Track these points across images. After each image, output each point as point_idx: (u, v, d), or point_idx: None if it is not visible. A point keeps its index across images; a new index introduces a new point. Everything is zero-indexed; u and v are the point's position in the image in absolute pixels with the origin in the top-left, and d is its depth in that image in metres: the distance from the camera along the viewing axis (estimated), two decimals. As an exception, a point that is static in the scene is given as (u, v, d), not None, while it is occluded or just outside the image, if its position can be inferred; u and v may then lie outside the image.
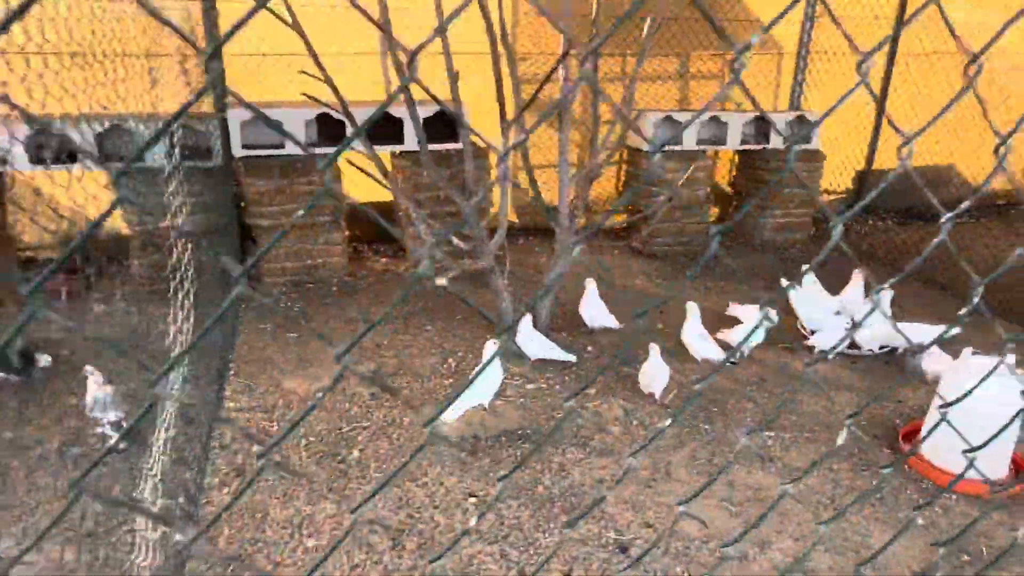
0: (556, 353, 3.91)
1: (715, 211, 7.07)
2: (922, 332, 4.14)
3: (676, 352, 4.18)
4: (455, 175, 4.88)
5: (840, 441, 1.17)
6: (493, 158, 3.81)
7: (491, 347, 3.43)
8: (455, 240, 3.83)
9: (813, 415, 3.61)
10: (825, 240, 6.63)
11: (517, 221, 6.45)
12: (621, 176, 6.76)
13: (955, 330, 4.07)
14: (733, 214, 6.76)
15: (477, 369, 3.69)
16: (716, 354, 3.74)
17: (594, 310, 4.22)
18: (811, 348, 4.22)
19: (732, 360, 3.91)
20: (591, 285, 4.25)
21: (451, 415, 3.23)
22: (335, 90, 3.18)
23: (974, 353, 3.29)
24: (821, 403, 3.72)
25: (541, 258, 5.64)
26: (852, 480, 3.04)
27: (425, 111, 5.02)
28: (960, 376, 2.99)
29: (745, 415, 3.58)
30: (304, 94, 3.78)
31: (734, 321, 4.44)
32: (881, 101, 7.45)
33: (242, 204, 5.01)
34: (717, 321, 4.71)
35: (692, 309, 4.01)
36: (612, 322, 4.13)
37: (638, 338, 4.31)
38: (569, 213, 4.05)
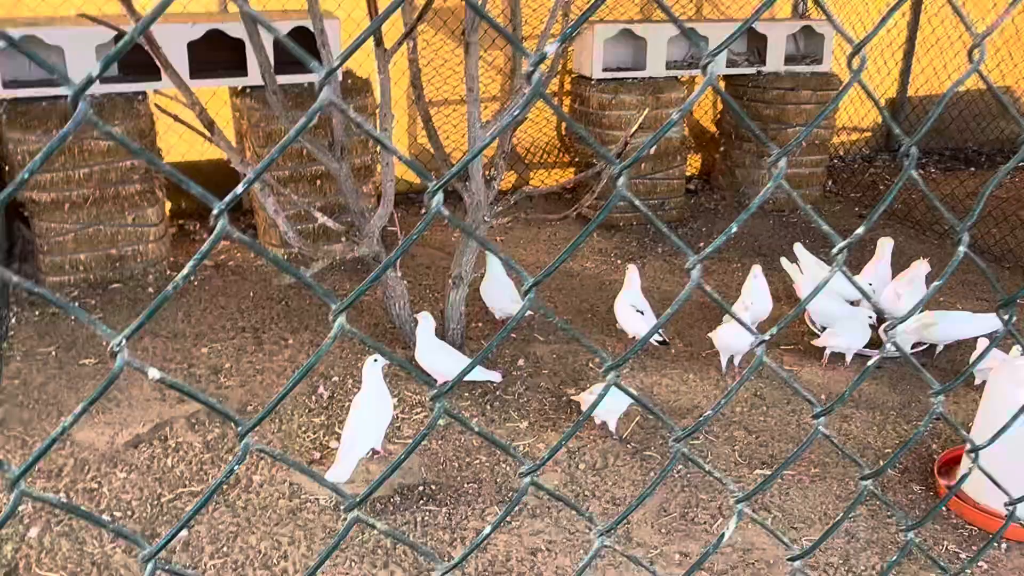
0: (473, 372, 3.94)
1: (695, 160, 7.27)
2: (967, 323, 4.36)
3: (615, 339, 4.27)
4: (323, 121, 4.80)
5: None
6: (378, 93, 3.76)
7: (373, 368, 3.40)
8: (320, 216, 3.77)
9: (821, 443, 3.75)
10: (845, 197, 6.90)
11: (418, 182, 6.44)
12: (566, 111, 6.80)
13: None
14: (721, 164, 6.93)
15: (358, 402, 3.81)
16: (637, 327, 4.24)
17: (496, 294, 4.37)
18: (823, 351, 4.38)
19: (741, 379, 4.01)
20: (494, 264, 4.38)
21: (339, 473, 3.14)
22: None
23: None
24: (833, 426, 3.86)
25: (455, 234, 5.64)
26: (871, 532, 3.18)
27: (277, 28, 4.91)
28: (1007, 383, 3.15)
29: (733, 447, 3.69)
30: (82, 15, 3.63)
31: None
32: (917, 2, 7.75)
33: (5, 168, 4.80)
34: (701, 315, 4.82)
35: (631, 274, 4.35)
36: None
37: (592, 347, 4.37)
38: (485, 172, 4.04)
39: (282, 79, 5.10)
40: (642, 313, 4.29)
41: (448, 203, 4.69)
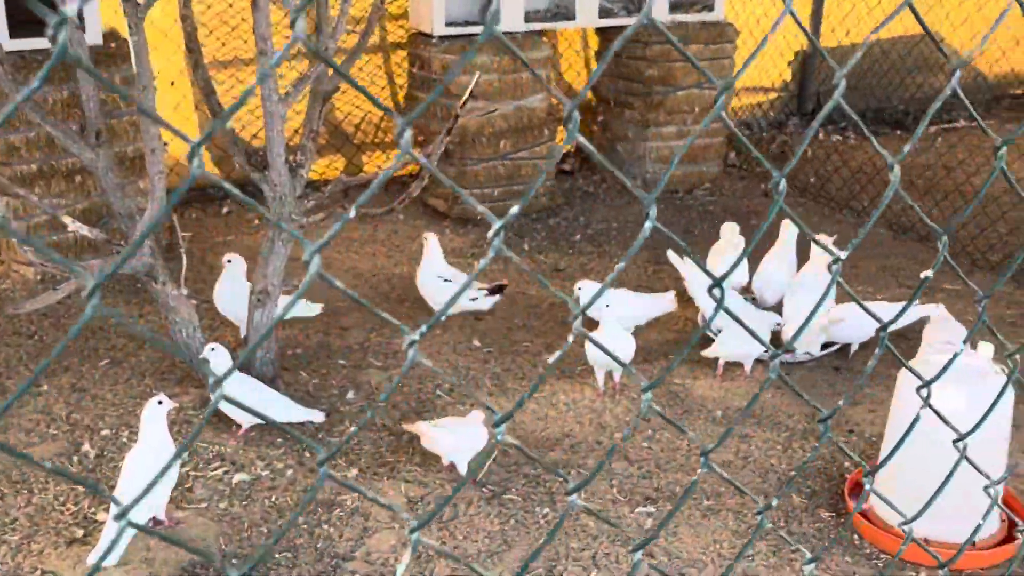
0: (290, 412, 3.92)
1: (561, 135, 7.39)
2: (884, 314, 4.61)
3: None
4: (74, 98, 4.64)
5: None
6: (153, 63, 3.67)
7: (156, 413, 3.33)
8: (70, 223, 3.65)
9: (722, 463, 3.90)
10: (750, 172, 7.20)
11: (219, 172, 6.33)
12: (399, 80, 6.83)
13: (932, 310, 4.55)
14: (600, 137, 7.10)
15: (133, 458, 3.71)
16: (464, 303, 4.67)
17: (228, 295, 4.51)
18: (715, 361, 4.55)
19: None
20: (236, 264, 4.53)
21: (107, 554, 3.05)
22: None
23: (940, 345, 3.69)
24: (731, 448, 4.02)
25: (259, 235, 5.57)
26: (773, 572, 3.31)
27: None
28: (914, 387, 3.34)
29: (611, 481, 3.79)
30: None
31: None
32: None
33: None
34: (549, 316, 4.94)
35: (431, 243, 4.89)
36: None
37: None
38: (290, 159, 4.01)
39: (17, 44, 4.92)
40: (450, 281, 4.68)
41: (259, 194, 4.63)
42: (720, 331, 4.57)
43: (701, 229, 6.31)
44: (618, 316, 4.30)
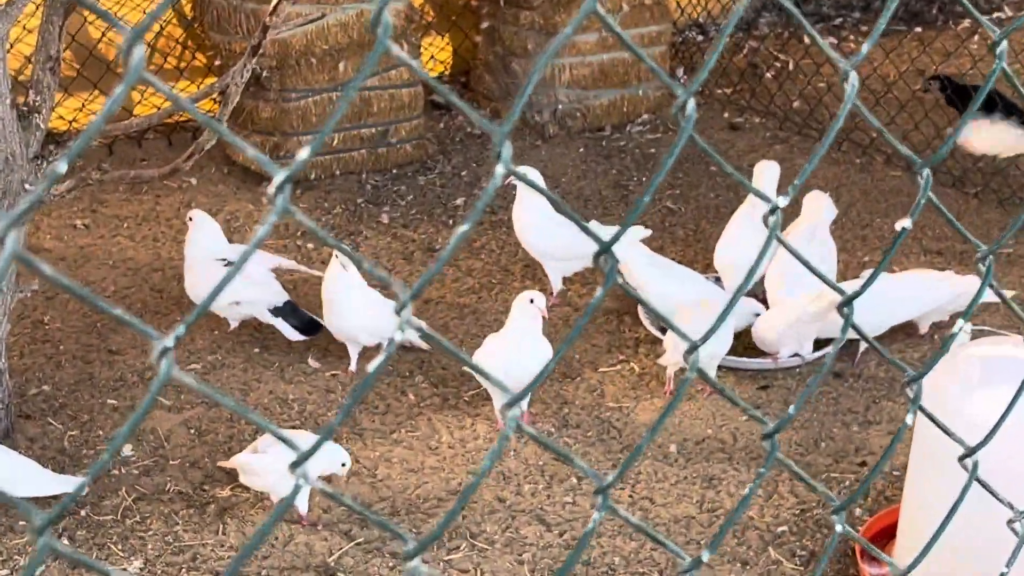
0: (36, 481, 3.91)
1: (440, 49, 7.44)
2: (901, 301, 4.76)
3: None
4: None
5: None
6: None
7: None
8: None
9: (682, 518, 3.98)
10: (709, 96, 7.35)
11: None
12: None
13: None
14: (485, 51, 7.11)
15: None
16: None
17: None
18: (678, 371, 4.63)
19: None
20: None
21: None
22: None
23: (976, 332, 3.82)
24: (692, 499, 4.11)
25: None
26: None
27: None
28: (949, 388, 3.44)
29: (519, 554, 3.84)
30: None
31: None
32: None
33: None
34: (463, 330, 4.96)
35: (197, 220, 5.05)
36: None
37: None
38: (19, 102, 3.96)
39: None
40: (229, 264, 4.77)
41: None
42: (664, 330, 4.65)
43: (639, 180, 6.39)
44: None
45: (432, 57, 7.38)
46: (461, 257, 5.60)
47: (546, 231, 5.06)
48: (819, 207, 5.14)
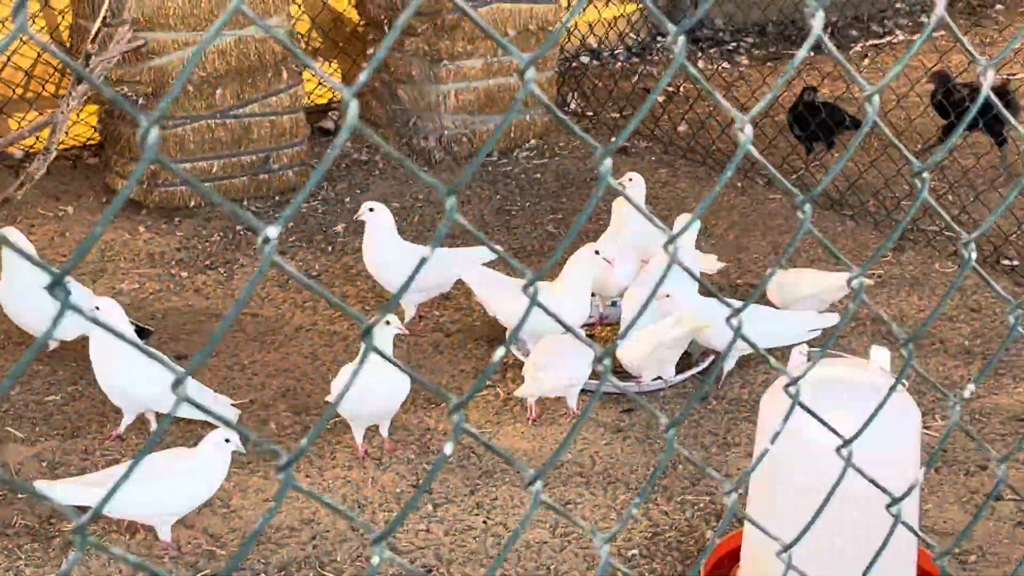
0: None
1: (328, 72, 7.38)
2: (773, 320, 4.79)
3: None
4: None
5: None
6: None
7: None
8: None
9: (535, 543, 3.98)
10: (596, 120, 7.35)
11: None
12: None
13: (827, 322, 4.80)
14: (374, 77, 7.10)
15: None
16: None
17: None
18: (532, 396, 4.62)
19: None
20: None
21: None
22: None
23: (811, 351, 3.80)
24: (546, 524, 4.09)
25: None
26: None
27: None
28: (781, 411, 3.44)
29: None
30: None
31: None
32: None
33: None
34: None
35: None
36: None
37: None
38: None
39: None
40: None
41: None
42: (528, 353, 4.65)
43: (522, 206, 6.39)
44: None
45: (320, 83, 7.35)
46: (336, 283, 5.57)
47: (395, 266, 5.06)
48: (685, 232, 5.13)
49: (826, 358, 4.00)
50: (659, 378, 4.75)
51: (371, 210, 5.14)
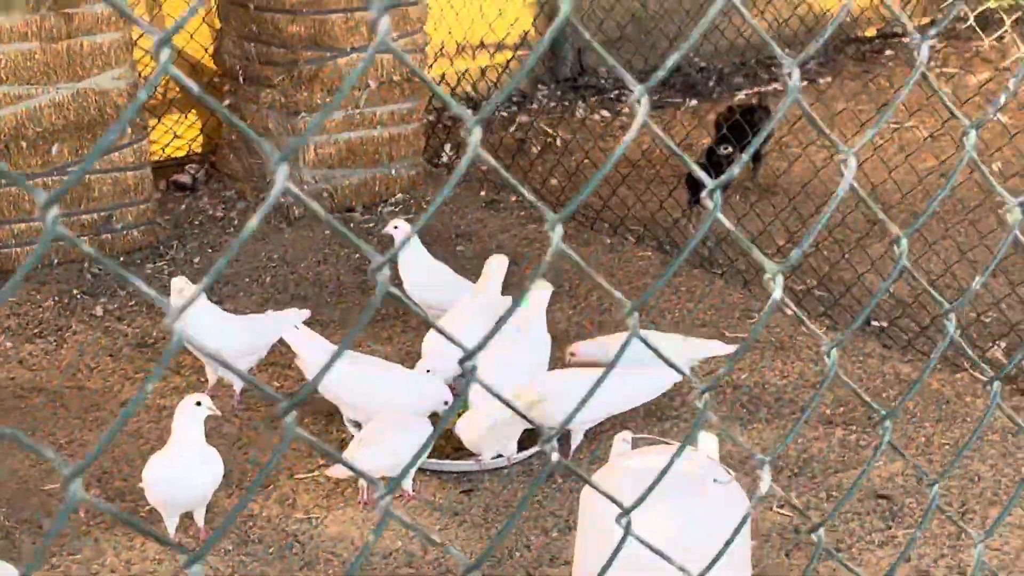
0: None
1: (188, 127, 7.19)
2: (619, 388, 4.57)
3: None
4: None
5: None
6: None
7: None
8: None
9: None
10: (468, 175, 7.12)
11: None
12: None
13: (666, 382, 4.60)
14: (228, 132, 6.87)
15: None
16: None
17: None
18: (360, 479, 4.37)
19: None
20: None
21: None
22: None
23: (635, 437, 3.68)
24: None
25: None
26: None
27: None
28: (607, 508, 3.25)
29: None
30: None
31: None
32: None
33: None
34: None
35: None
36: None
37: None
38: None
39: None
40: None
41: None
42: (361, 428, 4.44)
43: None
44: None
45: (176, 135, 7.08)
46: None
47: (216, 332, 4.80)
48: (538, 299, 4.95)
49: (652, 445, 3.85)
50: (500, 456, 4.52)
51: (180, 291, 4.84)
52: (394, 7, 6.60)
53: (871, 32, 9.83)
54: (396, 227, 5.41)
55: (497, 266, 5.17)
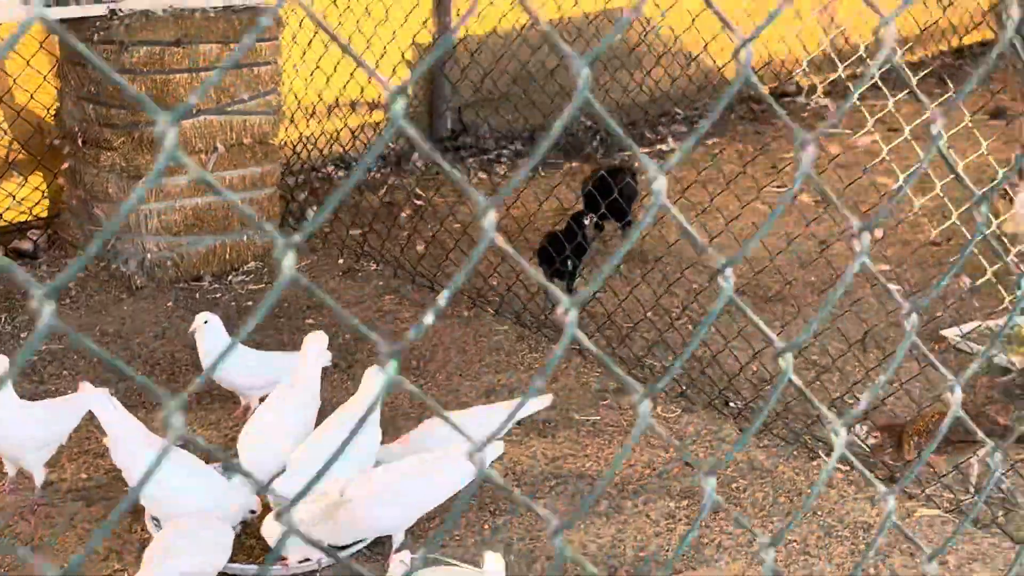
0: None
1: (32, 189, 6.85)
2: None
3: None
4: None
5: None
6: None
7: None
8: None
9: None
10: (326, 241, 6.81)
11: None
12: None
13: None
14: (70, 194, 6.56)
15: None
16: None
17: None
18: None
19: None
20: None
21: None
22: None
23: (413, 558, 3.41)
24: None
25: None
26: None
27: None
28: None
29: None
30: None
31: None
32: None
33: None
34: None
35: None
36: None
37: None
38: None
39: None
40: None
41: None
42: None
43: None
44: None
45: (16, 200, 6.73)
46: None
47: (16, 423, 4.40)
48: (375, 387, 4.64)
49: (437, 565, 3.57)
50: (307, 560, 4.16)
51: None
52: (246, 67, 6.34)
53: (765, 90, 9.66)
54: (206, 321, 5.07)
55: (316, 346, 4.79)
